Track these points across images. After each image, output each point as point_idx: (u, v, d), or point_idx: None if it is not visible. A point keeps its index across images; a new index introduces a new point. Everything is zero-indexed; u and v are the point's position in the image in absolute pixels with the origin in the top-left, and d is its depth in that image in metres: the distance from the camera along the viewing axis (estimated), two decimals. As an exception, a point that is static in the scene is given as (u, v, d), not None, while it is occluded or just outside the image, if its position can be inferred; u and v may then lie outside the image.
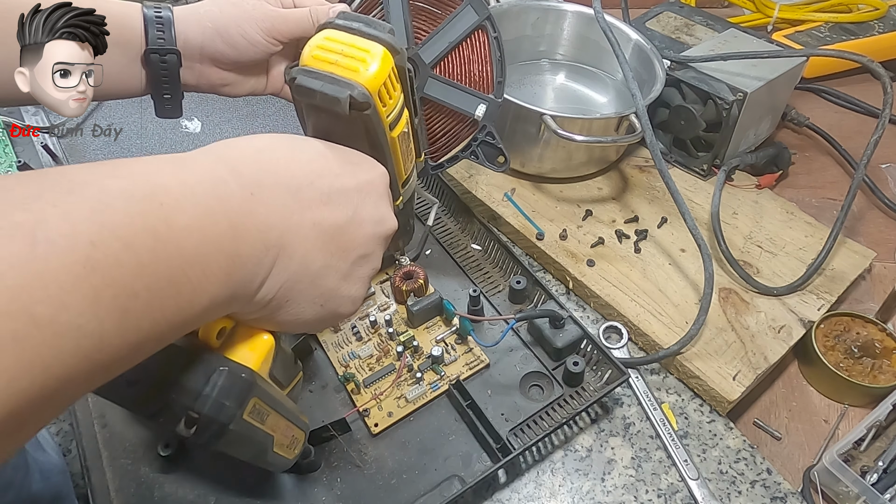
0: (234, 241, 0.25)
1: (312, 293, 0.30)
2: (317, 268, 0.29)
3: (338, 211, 0.30)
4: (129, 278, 0.20)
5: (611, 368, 0.52)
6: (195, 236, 0.23)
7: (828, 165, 0.80)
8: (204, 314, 0.24)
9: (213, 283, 0.24)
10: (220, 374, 0.27)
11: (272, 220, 0.27)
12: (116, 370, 0.21)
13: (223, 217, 0.24)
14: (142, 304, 0.20)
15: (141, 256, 0.20)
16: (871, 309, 0.62)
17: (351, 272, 0.32)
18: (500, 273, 0.61)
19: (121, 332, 0.20)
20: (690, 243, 0.60)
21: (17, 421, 0.17)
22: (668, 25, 0.86)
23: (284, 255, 0.27)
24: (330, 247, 0.30)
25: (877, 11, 0.94)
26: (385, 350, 0.54)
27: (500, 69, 0.53)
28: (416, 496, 0.46)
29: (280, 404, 0.33)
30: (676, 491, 0.48)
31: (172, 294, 0.22)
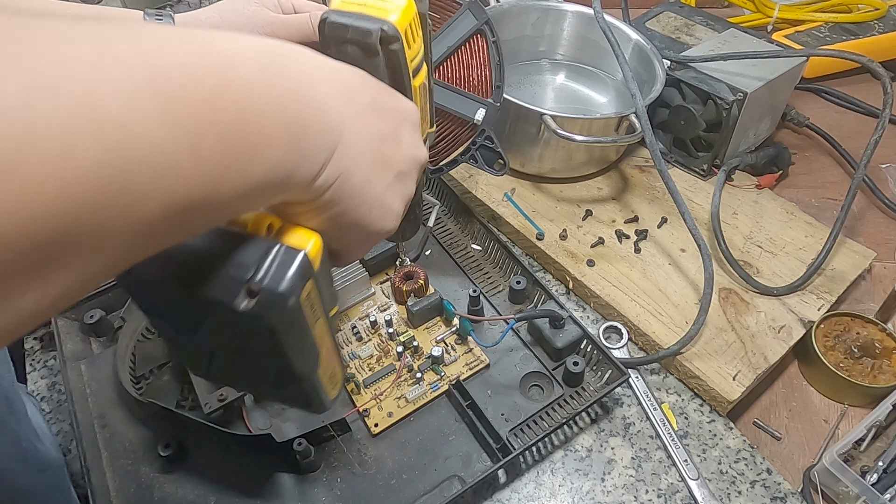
0: (296, 110, 0.24)
1: (364, 194, 0.29)
2: (367, 167, 0.29)
3: (382, 122, 0.30)
4: (195, 108, 0.19)
5: (611, 368, 0.52)
6: (256, 88, 0.22)
7: (828, 165, 0.80)
8: (266, 184, 0.23)
9: (276, 145, 0.23)
10: (280, 248, 0.27)
11: (331, 104, 0.26)
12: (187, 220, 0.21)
13: (284, 81, 0.24)
14: (210, 141, 0.20)
15: (205, 91, 0.20)
16: (871, 309, 0.62)
17: (393, 185, 0.31)
18: (500, 273, 0.61)
19: (193, 165, 0.19)
20: (690, 243, 0.60)
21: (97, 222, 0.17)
22: (668, 25, 0.86)
23: (342, 143, 0.27)
24: (377, 153, 0.29)
25: (877, 11, 0.94)
26: (385, 350, 0.54)
27: (499, 73, 0.53)
28: (416, 496, 0.46)
29: (327, 315, 0.32)
30: (676, 491, 0.48)
31: (238, 140, 0.21)
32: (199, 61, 0.20)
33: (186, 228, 0.21)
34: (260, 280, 0.26)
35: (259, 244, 0.27)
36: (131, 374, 0.53)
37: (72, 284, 0.17)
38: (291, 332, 0.28)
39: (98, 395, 0.52)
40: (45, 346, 0.59)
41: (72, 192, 0.15)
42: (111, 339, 0.56)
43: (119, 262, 0.19)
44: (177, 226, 0.20)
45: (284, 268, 0.26)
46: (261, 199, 0.25)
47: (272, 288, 0.26)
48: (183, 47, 0.20)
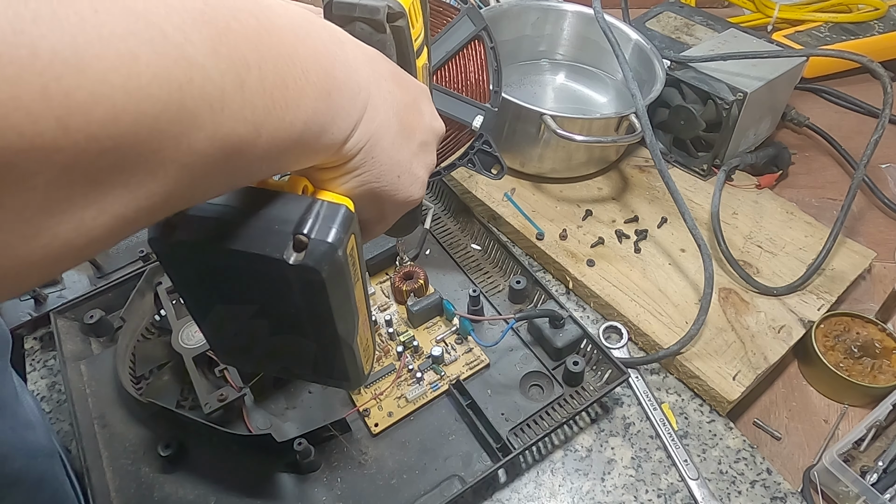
0: (329, 63, 0.24)
1: (394, 157, 0.29)
2: (394, 133, 0.29)
3: (403, 91, 0.30)
4: (240, 45, 0.20)
5: (611, 368, 0.52)
6: (292, 36, 0.23)
7: (828, 165, 0.80)
8: (299, 141, 0.23)
9: (315, 92, 0.23)
10: (322, 203, 0.27)
11: (358, 65, 0.27)
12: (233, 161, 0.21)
13: (316, 36, 0.24)
14: (255, 79, 0.20)
15: (248, 29, 0.20)
16: (871, 309, 0.62)
17: (418, 154, 0.32)
18: (500, 273, 0.61)
19: (240, 101, 0.20)
20: (690, 243, 0.60)
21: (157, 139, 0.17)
22: (668, 25, 0.86)
23: (371, 105, 0.27)
24: (401, 118, 0.30)
25: (877, 11, 0.94)
26: (385, 350, 0.54)
27: (497, 79, 0.53)
28: (417, 496, 0.46)
29: (363, 276, 0.32)
30: (676, 491, 0.48)
31: (279, 84, 0.21)
32: (242, 4, 0.21)
33: (231, 174, 0.22)
34: (308, 232, 0.26)
35: (300, 200, 0.27)
36: (131, 374, 0.53)
37: (126, 208, 0.18)
38: (337, 288, 0.28)
39: (98, 395, 0.52)
40: (45, 346, 0.59)
41: (136, 103, 0.16)
42: (111, 339, 0.56)
43: (169, 196, 0.19)
44: (223, 168, 0.21)
45: (329, 220, 0.26)
46: (296, 157, 0.25)
47: (321, 238, 0.26)
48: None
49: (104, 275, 0.61)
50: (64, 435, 0.53)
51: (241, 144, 0.20)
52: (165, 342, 0.53)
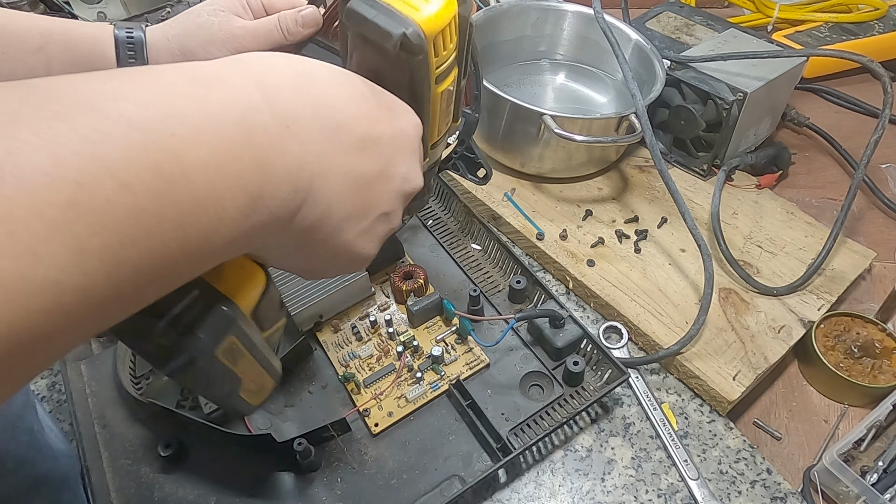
0: (259, 181, 0.22)
1: (328, 245, 0.28)
2: (339, 218, 0.27)
3: (370, 161, 0.27)
4: (124, 225, 0.17)
5: (611, 368, 0.52)
6: (210, 174, 0.19)
7: (828, 165, 0.80)
8: (215, 258, 0.22)
9: (230, 227, 0.21)
10: (198, 301, 0.25)
11: (305, 160, 0.24)
12: (109, 322, 0.19)
13: (248, 152, 0.21)
14: (140, 253, 0.17)
15: (140, 199, 0.17)
16: (871, 309, 0.62)
17: (370, 229, 0.29)
18: (500, 273, 0.61)
19: (113, 285, 0.17)
20: (690, 243, 0.60)
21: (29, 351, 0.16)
22: (668, 25, 0.86)
23: (311, 200, 0.25)
24: (356, 199, 0.27)
25: (877, 11, 0.94)
26: (385, 350, 0.54)
27: (476, 82, 0.52)
28: (417, 496, 0.46)
29: (256, 348, 0.30)
30: (676, 491, 0.48)
31: (179, 239, 0.19)
32: (139, 156, 0.17)
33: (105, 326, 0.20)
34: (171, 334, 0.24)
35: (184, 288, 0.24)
36: (131, 374, 0.53)
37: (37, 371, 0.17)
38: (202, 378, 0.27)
39: (98, 395, 0.52)
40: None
41: None
42: (111, 339, 0.56)
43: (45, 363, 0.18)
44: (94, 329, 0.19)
45: (199, 324, 0.25)
46: (213, 264, 0.23)
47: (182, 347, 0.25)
48: (122, 136, 0.17)
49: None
50: (64, 435, 0.53)
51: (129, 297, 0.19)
52: (165, 342, 0.53)
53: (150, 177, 0.17)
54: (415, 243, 0.63)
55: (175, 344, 0.25)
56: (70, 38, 0.42)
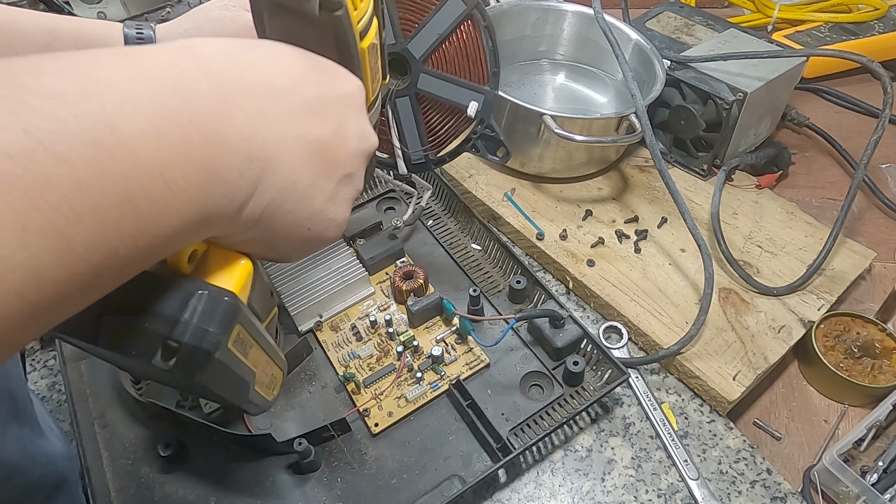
0: (208, 150, 0.21)
1: (300, 214, 0.27)
2: (304, 185, 0.26)
3: (322, 123, 0.27)
4: (65, 199, 0.16)
5: (611, 368, 0.52)
6: (151, 144, 0.19)
7: (828, 165, 0.80)
8: (177, 237, 0.21)
9: (184, 199, 0.20)
10: (200, 297, 0.24)
11: (253, 127, 0.23)
12: (70, 307, 0.18)
13: (190, 120, 0.21)
14: (89, 229, 0.17)
15: (79, 171, 0.17)
16: (871, 309, 0.62)
17: (336, 193, 0.29)
18: (500, 273, 0.61)
19: (64, 264, 0.17)
20: (690, 243, 0.60)
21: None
22: (668, 25, 0.86)
23: (270, 168, 0.24)
24: (316, 163, 0.27)
25: (877, 11, 0.94)
26: (385, 350, 0.54)
27: (494, 59, 0.51)
28: (417, 496, 0.46)
29: (262, 336, 0.30)
30: (676, 491, 0.48)
31: (130, 214, 0.18)
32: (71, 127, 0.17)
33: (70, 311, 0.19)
34: (179, 335, 0.24)
35: (179, 289, 0.24)
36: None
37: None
38: (219, 378, 0.26)
39: (98, 395, 0.52)
40: (45, 346, 0.59)
41: None
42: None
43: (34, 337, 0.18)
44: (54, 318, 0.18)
45: (207, 319, 0.24)
46: (171, 251, 0.22)
47: (194, 344, 0.24)
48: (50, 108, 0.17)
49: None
50: (63, 435, 0.53)
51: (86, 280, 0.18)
52: (165, 342, 0.53)
53: (85, 148, 0.17)
54: (415, 243, 0.63)
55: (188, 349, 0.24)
56: (79, 36, 0.41)
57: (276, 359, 0.34)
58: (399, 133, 0.55)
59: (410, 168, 0.57)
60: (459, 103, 0.53)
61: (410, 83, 0.52)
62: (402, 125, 0.55)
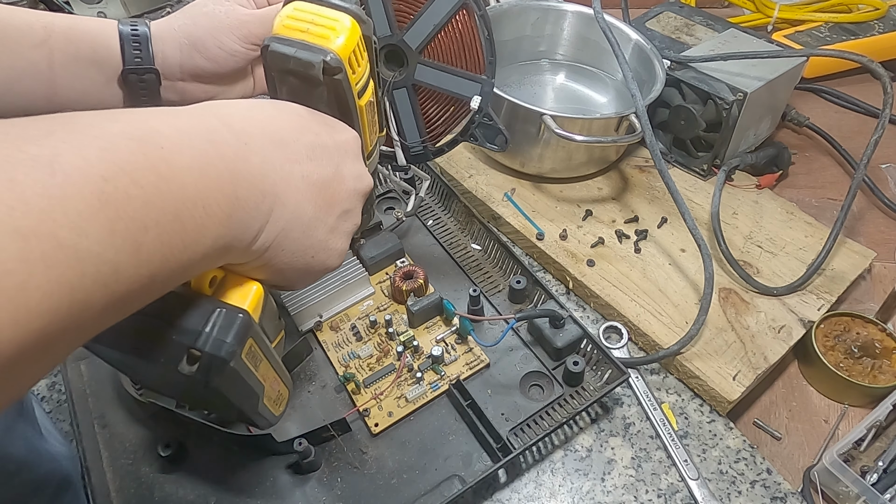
0: (233, 185, 0.26)
1: (305, 243, 0.31)
2: (308, 219, 0.31)
3: (322, 166, 0.31)
4: (139, 212, 0.21)
5: (611, 368, 0.52)
6: (194, 176, 0.24)
7: (828, 165, 0.80)
8: (206, 258, 0.25)
9: (216, 223, 0.25)
10: (220, 313, 0.29)
11: (266, 169, 0.28)
12: (129, 306, 0.22)
13: (219, 161, 0.25)
14: (152, 239, 0.21)
15: (147, 192, 0.21)
16: (871, 309, 0.62)
17: (336, 226, 0.33)
18: (500, 273, 0.61)
19: (135, 265, 0.21)
20: (690, 243, 0.60)
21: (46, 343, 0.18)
22: (668, 25, 0.86)
23: (279, 203, 0.29)
24: (318, 199, 0.31)
25: (877, 11, 0.94)
26: (385, 350, 0.54)
27: (490, 48, 0.51)
28: (417, 496, 0.46)
29: (270, 353, 0.34)
30: (676, 491, 0.48)
31: (178, 230, 0.22)
32: (143, 161, 0.22)
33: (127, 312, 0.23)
34: (202, 346, 0.28)
35: (201, 307, 0.29)
36: (131, 373, 0.53)
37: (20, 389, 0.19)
38: (233, 385, 0.30)
39: (98, 395, 0.52)
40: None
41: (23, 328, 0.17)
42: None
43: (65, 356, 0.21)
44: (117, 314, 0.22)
45: (224, 332, 0.29)
46: (200, 270, 0.26)
47: (213, 353, 0.28)
48: (126, 146, 0.21)
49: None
50: (64, 435, 0.53)
51: (136, 293, 0.22)
52: (165, 342, 0.53)
53: (151, 175, 0.22)
54: (415, 243, 0.63)
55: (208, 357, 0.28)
56: (73, 33, 0.42)
57: (284, 377, 0.37)
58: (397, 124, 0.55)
59: (409, 159, 0.57)
60: (457, 93, 0.53)
61: (407, 74, 0.52)
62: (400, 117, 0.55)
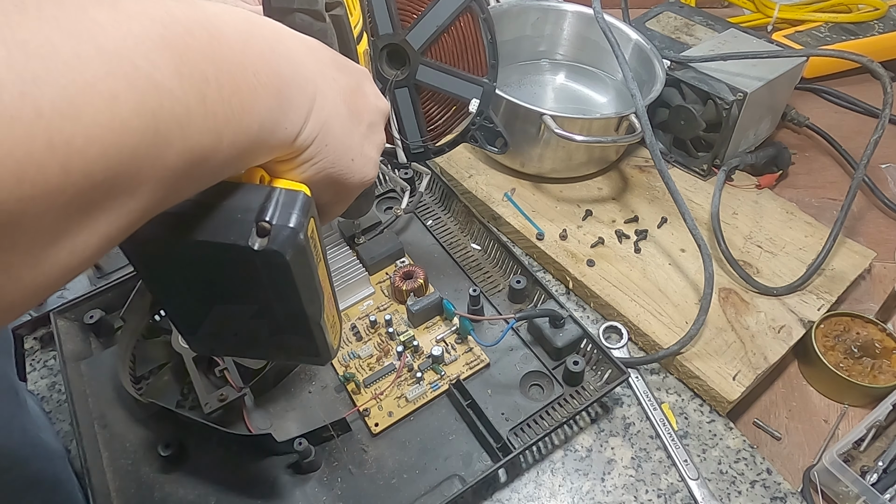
0: (276, 63, 0.25)
1: (346, 142, 0.31)
2: (344, 118, 0.30)
3: (347, 77, 0.31)
4: (198, 61, 0.21)
5: (611, 368, 0.52)
6: (241, 43, 0.23)
7: (828, 165, 0.80)
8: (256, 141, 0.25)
9: (267, 93, 0.24)
10: (280, 191, 0.28)
11: (302, 58, 0.28)
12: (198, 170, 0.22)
13: (261, 39, 0.25)
14: (213, 91, 0.21)
15: (202, 44, 0.21)
16: (871, 309, 0.62)
17: (367, 135, 0.33)
18: (500, 273, 0.61)
19: (202, 115, 0.21)
20: (690, 243, 0.60)
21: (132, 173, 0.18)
22: (668, 25, 0.86)
23: (320, 95, 0.28)
24: (349, 104, 0.31)
25: (877, 11, 0.94)
26: (385, 350, 0.54)
27: (493, 51, 0.52)
28: (417, 496, 0.46)
29: (325, 257, 0.33)
30: (676, 491, 0.48)
31: (234, 90, 0.22)
32: (193, 17, 0.22)
33: (198, 180, 0.23)
34: (270, 219, 0.27)
35: (259, 189, 0.28)
36: (131, 374, 0.52)
37: (111, 227, 0.19)
38: (301, 270, 0.29)
39: (98, 395, 0.52)
40: (45, 346, 0.59)
41: (119, 137, 0.18)
42: (111, 340, 0.56)
43: (146, 211, 0.21)
44: (192, 177, 0.22)
45: (289, 207, 0.28)
46: (255, 155, 0.26)
47: (283, 223, 0.27)
48: (178, 5, 0.21)
49: (104, 275, 0.61)
50: (64, 435, 0.53)
51: (206, 153, 0.22)
52: (165, 342, 0.53)
53: (202, 32, 0.22)
54: (415, 243, 0.63)
55: (277, 228, 0.27)
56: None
57: (337, 302, 0.36)
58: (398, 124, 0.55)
59: (410, 157, 0.57)
60: (458, 94, 0.53)
61: (409, 74, 0.52)
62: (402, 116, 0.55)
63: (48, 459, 0.45)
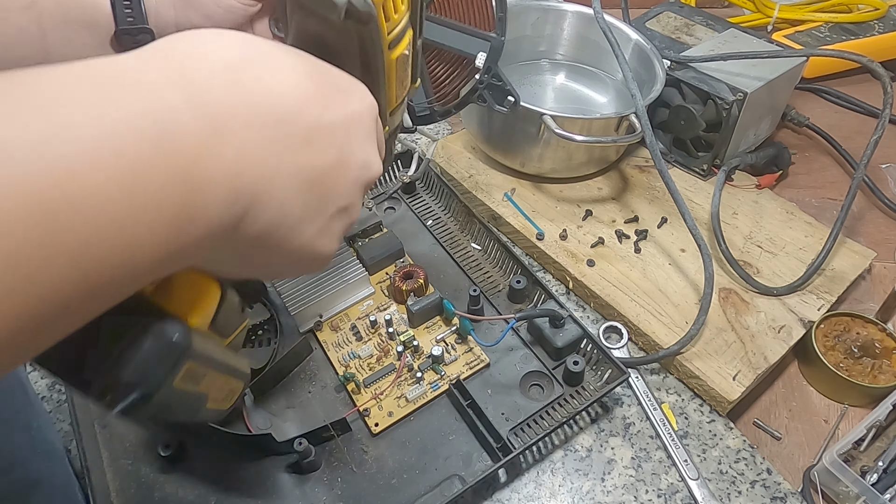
0: (183, 197, 0.19)
1: (285, 248, 0.25)
2: (294, 220, 0.25)
3: (322, 153, 0.25)
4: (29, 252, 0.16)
5: (611, 368, 0.52)
6: (113, 198, 0.17)
7: (828, 165, 0.80)
8: (141, 280, 0.20)
9: (151, 250, 0.19)
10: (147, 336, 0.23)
11: (244, 165, 0.21)
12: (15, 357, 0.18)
13: (165, 167, 0.19)
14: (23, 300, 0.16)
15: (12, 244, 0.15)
16: (871, 309, 0.62)
17: (328, 227, 0.27)
18: (500, 273, 0.61)
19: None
20: (690, 243, 0.60)
21: None
22: (668, 25, 0.86)
23: (258, 203, 0.22)
24: (310, 196, 0.25)
25: (877, 11, 0.94)
26: (385, 350, 0.54)
27: (500, 3, 0.48)
28: (417, 496, 0.46)
29: (218, 362, 0.28)
30: (676, 491, 0.48)
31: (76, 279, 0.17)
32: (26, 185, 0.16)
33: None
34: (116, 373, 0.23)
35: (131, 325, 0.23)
36: (131, 373, 0.52)
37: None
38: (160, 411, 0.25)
39: (98, 395, 0.52)
40: (45, 346, 0.59)
41: None
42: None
43: None
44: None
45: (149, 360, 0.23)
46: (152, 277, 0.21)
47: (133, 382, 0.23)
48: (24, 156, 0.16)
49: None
50: (64, 435, 0.53)
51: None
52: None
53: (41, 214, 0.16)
54: (415, 243, 0.63)
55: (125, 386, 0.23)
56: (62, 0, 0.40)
57: (236, 374, 0.32)
58: None
59: (416, 121, 0.55)
60: (464, 51, 0.50)
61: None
62: None
63: (50, 460, 0.45)
